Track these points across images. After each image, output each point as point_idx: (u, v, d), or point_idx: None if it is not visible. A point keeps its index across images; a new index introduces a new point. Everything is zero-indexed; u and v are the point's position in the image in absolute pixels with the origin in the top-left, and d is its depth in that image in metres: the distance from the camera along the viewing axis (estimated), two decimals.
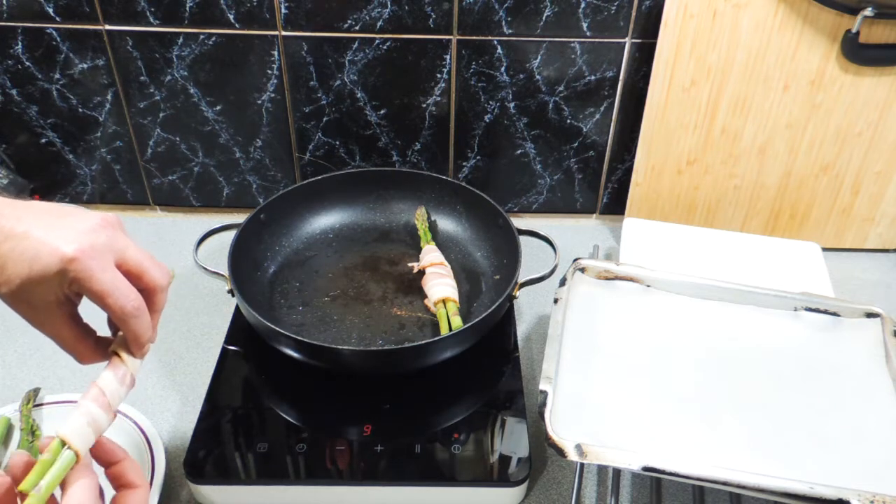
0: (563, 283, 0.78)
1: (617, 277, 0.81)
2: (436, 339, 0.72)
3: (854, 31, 0.84)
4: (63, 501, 0.45)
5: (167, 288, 0.52)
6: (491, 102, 0.97)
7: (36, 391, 0.75)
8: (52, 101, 0.96)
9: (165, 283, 0.52)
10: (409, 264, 0.90)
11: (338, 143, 1.01)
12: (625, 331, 0.76)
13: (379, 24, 0.91)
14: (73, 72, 0.94)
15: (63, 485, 0.46)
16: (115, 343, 0.53)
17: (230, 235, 0.82)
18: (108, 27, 0.91)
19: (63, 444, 0.46)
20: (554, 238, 0.84)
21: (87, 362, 0.53)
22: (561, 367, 0.70)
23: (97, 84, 0.95)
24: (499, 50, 0.93)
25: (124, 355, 0.52)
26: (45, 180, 1.03)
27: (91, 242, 0.48)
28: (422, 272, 0.87)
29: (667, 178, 0.97)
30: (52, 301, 0.49)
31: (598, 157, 1.03)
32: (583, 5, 0.89)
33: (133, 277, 0.50)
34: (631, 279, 0.80)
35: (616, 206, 1.06)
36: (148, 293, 0.51)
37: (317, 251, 0.92)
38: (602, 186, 1.06)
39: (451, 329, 0.77)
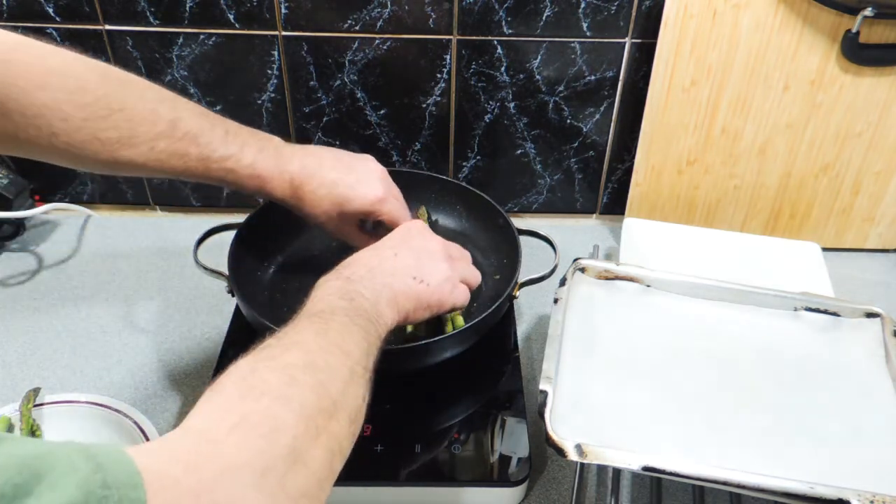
0: (563, 283, 0.78)
1: (617, 277, 0.81)
2: (436, 339, 0.72)
3: (854, 31, 0.84)
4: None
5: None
6: (491, 102, 0.97)
7: (36, 391, 0.75)
8: None
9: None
10: None
11: (338, 143, 1.01)
12: (625, 331, 0.76)
13: (379, 24, 0.91)
14: None
15: None
16: None
17: (230, 235, 0.82)
18: (108, 27, 0.91)
19: None
20: (554, 238, 0.84)
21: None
22: (561, 367, 0.70)
23: None
24: (499, 50, 0.93)
25: None
26: (45, 180, 1.03)
27: (388, 187, 0.75)
28: None
29: (667, 178, 0.97)
30: (355, 224, 0.76)
31: (598, 157, 1.03)
32: (583, 5, 0.89)
33: None
34: (631, 279, 0.80)
35: (616, 206, 1.06)
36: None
37: (317, 251, 0.92)
38: (602, 186, 1.06)
39: (451, 329, 0.77)
